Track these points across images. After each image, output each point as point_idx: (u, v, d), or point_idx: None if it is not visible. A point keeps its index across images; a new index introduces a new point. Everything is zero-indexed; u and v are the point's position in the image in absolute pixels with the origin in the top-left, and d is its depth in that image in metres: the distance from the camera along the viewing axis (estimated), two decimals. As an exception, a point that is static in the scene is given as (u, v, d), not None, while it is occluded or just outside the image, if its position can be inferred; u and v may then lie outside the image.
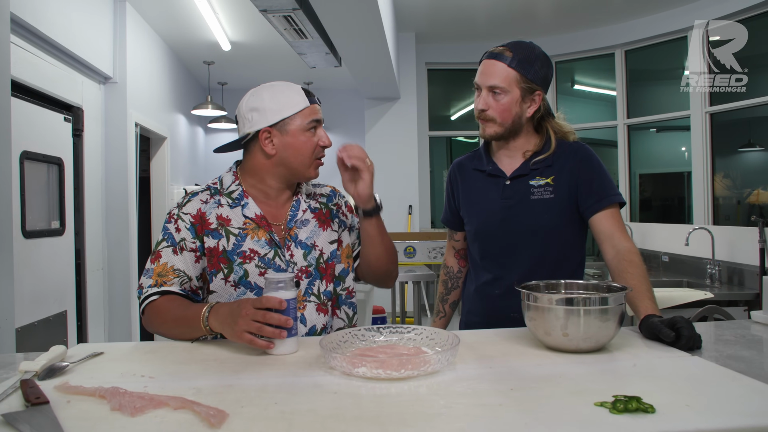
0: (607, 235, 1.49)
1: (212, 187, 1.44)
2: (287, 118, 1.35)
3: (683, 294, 3.06)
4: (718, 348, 1.22)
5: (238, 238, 1.37)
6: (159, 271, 1.35)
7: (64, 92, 3.39)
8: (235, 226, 1.38)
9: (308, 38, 3.85)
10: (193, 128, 6.31)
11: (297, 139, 1.36)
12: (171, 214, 1.40)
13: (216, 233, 1.37)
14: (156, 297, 1.33)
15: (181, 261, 1.35)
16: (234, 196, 1.41)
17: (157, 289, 1.33)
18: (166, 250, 1.36)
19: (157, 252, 1.37)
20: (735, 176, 4.84)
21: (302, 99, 1.36)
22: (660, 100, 5.47)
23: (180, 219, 1.37)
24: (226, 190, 1.42)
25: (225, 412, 0.83)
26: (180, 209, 1.39)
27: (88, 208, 3.71)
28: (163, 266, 1.35)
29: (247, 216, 1.39)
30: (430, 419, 0.82)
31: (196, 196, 1.41)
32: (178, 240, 1.36)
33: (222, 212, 1.39)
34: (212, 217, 1.38)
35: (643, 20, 5.20)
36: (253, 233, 1.38)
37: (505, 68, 1.48)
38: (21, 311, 2.78)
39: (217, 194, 1.42)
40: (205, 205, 1.39)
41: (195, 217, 1.38)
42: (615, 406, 0.83)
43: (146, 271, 1.37)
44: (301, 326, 1.38)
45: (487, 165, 1.62)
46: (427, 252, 4.28)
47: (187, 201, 1.40)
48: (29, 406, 0.87)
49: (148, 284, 1.35)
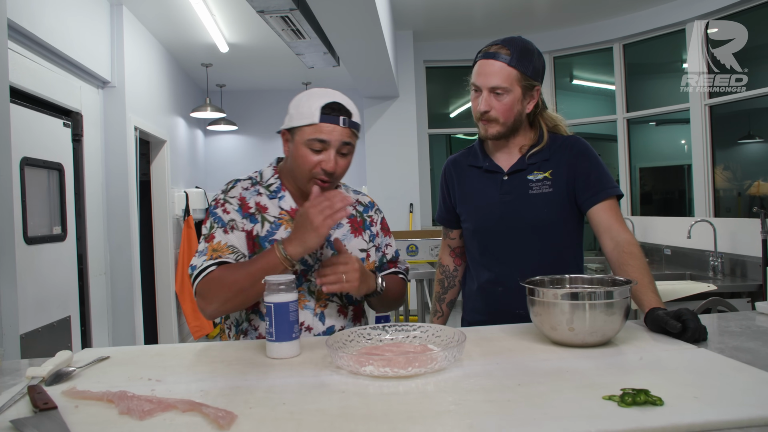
0: (605, 227, 1.49)
1: (253, 177, 1.48)
2: (297, 127, 1.35)
3: (686, 287, 3.06)
4: (723, 340, 1.22)
5: (273, 226, 1.40)
6: (214, 248, 1.35)
7: (62, 97, 3.39)
8: (271, 214, 1.41)
9: (306, 38, 3.85)
10: (192, 131, 6.31)
11: (298, 151, 1.35)
12: (217, 200, 1.44)
13: (253, 218, 1.40)
14: (212, 268, 1.32)
15: (235, 239, 1.37)
16: (272, 188, 1.45)
17: (212, 261, 1.33)
18: (219, 230, 1.38)
19: (210, 234, 1.38)
20: (735, 168, 4.83)
21: (315, 113, 1.31)
22: (659, 94, 5.46)
23: (227, 202, 1.41)
24: (265, 183, 1.46)
25: (233, 413, 0.83)
26: (226, 194, 1.43)
27: (89, 213, 3.71)
28: (217, 244, 1.36)
29: (283, 208, 1.42)
30: (439, 416, 0.82)
31: (238, 182, 1.46)
32: (228, 221, 1.39)
33: (260, 200, 1.43)
34: (251, 202, 1.42)
35: (640, 14, 5.19)
36: (287, 224, 1.41)
37: (505, 67, 1.47)
38: (25, 317, 2.78)
39: (257, 184, 1.46)
40: (246, 191, 1.44)
41: (239, 199, 1.42)
42: (623, 399, 0.83)
43: (199, 253, 1.36)
44: (318, 324, 1.40)
45: (484, 161, 1.62)
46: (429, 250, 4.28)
47: (231, 187, 1.45)
48: (37, 411, 0.87)
49: (201, 260, 1.34)
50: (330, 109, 1.31)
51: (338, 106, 1.33)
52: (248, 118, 6.95)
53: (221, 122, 6.19)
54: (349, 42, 4.03)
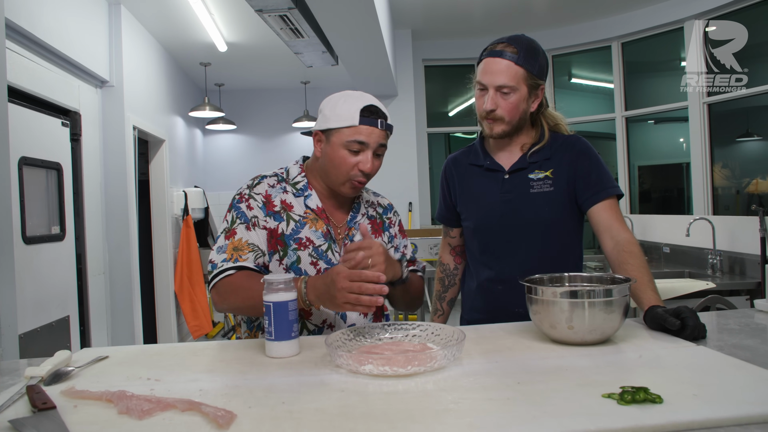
0: (605, 226, 1.49)
1: (279, 174, 1.48)
2: (334, 129, 1.36)
3: (685, 284, 3.06)
4: (722, 337, 1.23)
5: (298, 225, 1.41)
6: (234, 246, 1.36)
7: (61, 97, 3.38)
8: (296, 213, 1.42)
9: (304, 37, 3.85)
10: (191, 130, 6.30)
11: (336, 153, 1.36)
12: (242, 194, 1.43)
13: (278, 216, 1.41)
14: (232, 272, 1.33)
15: (256, 236, 1.38)
16: (299, 186, 1.45)
17: (233, 264, 1.34)
18: (240, 226, 1.38)
19: (232, 230, 1.38)
20: (734, 166, 4.84)
21: (354, 116, 1.33)
22: (657, 92, 5.47)
23: (252, 198, 1.41)
24: (292, 180, 1.46)
25: (233, 412, 0.83)
26: (251, 190, 1.43)
27: (88, 213, 3.71)
28: (238, 241, 1.37)
29: (309, 206, 1.43)
30: (439, 415, 0.82)
31: (264, 179, 1.46)
32: (250, 217, 1.39)
33: (286, 198, 1.43)
34: (277, 200, 1.42)
35: (638, 12, 5.19)
36: (312, 223, 1.42)
37: (512, 66, 1.47)
38: (23, 317, 2.78)
39: (283, 181, 1.46)
40: (272, 189, 1.44)
41: (265, 196, 1.42)
42: (623, 397, 0.83)
43: (219, 248, 1.37)
44: (341, 322, 1.41)
45: (485, 160, 1.62)
46: (429, 248, 4.28)
47: (257, 183, 1.45)
48: (36, 411, 0.87)
49: (221, 259, 1.35)
50: (368, 112, 1.35)
51: (375, 109, 1.37)
52: (247, 117, 6.94)
53: (220, 121, 6.18)
54: (347, 41, 4.02)
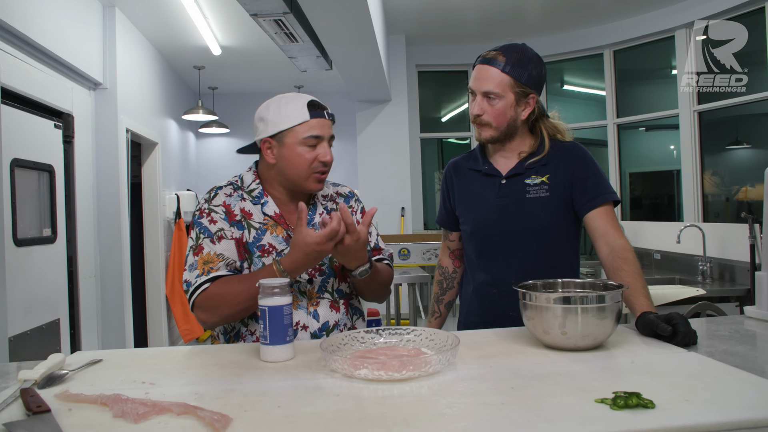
0: (601, 232, 1.51)
1: (234, 183, 1.49)
2: (285, 130, 1.38)
3: (676, 291, 3.09)
4: (713, 343, 1.24)
5: (259, 232, 1.42)
6: (204, 260, 1.36)
7: (54, 99, 3.37)
8: (255, 221, 1.43)
9: (299, 42, 3.85)
10: (184, 133, 6.28)
11: (293, 152, 1.38)
12: (201, 209, 1.43)
13: (240, 225, 1.42)
14: (207, 285, 1.34)
15: (223, 247, 1.38)
16: (254, 194, 1.46)
17: (206, 277, 1.34)
18: (206, 240, 1.39)
19: (199, 245, 1.39)
20: (723, 174, 4.89)
21: (303, 113, 1.38)
22: (649, 100, 5.52)
23: (213, 212, 1.42)
24: (247, 188, 1.47)
25: (228, 416, 0.83)
26: (209, 203, 1.44)
27: (79, 215, 3.68)
28: (207, 255, 1.37)
29: (266, 213, 1.44)
30: (433, 419, 0.82)
31: (220, 190, 1.47)
32: (215, 231, 1.40)
33: (245, 206, 1.44)
34: (236, 209, 1.43)
35: (630, 20, 5.24)
36: (272, 229, 1.43)
37: (499, 73, 1.50)
38: (13, 320, 2.76)
39: (239, 189, 1.47)
40: (230, 198, 1.45)
41: (224, 206, 1.43)
42: (615, 402, 0.84)
43: (191, 266, 1.37)
44: (314, 322, 1.42)
45: (483, 165, 1.64)
46: (421, 253, 4.29)
47: (214, 195, 1.45)
48: (31, 414, 0.86)
49: (195, 276, 1.35)
50: (314, 107, 1.40)
51: (318, 102, 1.41)
52: (240, 120, 6.93)
53: (213, 125, 6.17)
54: (342, 46, 4.03)
